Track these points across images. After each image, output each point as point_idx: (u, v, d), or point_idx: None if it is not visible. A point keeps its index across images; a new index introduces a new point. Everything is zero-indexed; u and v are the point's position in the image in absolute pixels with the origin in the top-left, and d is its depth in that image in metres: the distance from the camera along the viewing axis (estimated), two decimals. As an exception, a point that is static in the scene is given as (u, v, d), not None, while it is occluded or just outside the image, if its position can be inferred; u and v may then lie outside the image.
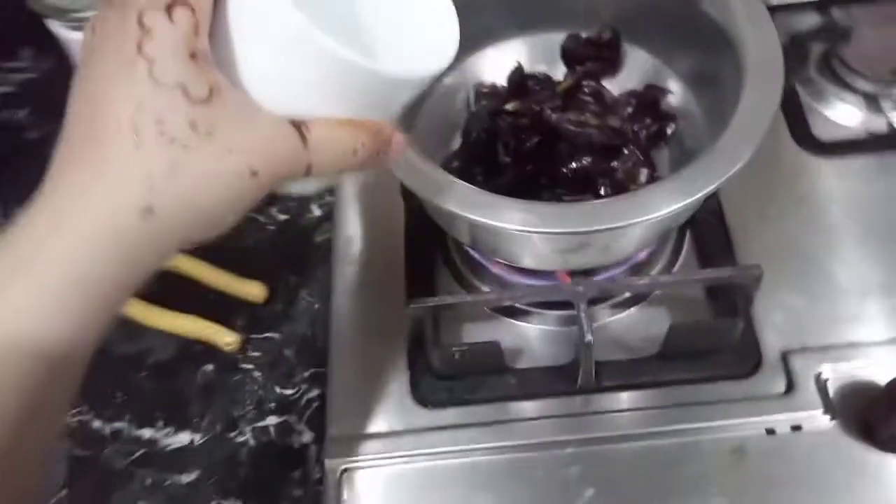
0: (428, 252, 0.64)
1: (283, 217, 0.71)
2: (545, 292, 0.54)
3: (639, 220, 0.44)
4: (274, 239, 0.70)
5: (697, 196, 0.44)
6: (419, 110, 0.61)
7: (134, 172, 0.30)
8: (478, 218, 0.45)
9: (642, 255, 0.58)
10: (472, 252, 0.59)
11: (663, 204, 0.44)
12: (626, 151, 0.56)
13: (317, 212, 0.71)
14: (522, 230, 0.45)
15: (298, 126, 0.33)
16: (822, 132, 0.67)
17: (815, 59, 0.70)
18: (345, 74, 0.32)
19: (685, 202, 0.44)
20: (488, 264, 0.59)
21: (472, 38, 0.62)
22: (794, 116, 0.67)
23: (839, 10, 0.72)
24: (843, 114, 0.68)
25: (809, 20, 0.73)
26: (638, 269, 0.60)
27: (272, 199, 0.72)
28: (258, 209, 0.71)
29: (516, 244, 0.50)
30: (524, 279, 0.58)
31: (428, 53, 0.37)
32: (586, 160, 0.56)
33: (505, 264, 0.57)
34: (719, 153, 0.46)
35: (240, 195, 0.32)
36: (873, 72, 0.66)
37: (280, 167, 0.33)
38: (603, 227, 0.44)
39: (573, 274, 0.55)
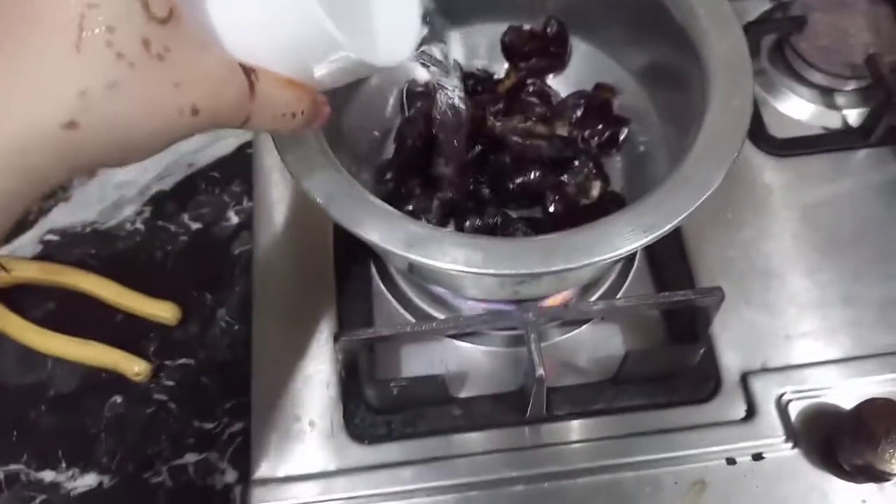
0: (360, 265, 0.58)
1: (196, 226, 0.64)
2: (491, 320, 0.49)
3: (598, 259, 0.39)
4: (186, 251, 0.63)
5: (665, 229, 0.40)
6: (346, 111, 0.55)
7: (68, 79, 0.27)
8: (414, 257, 0.40)
9: (593, 273, 0.54)
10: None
11: (626, 240, 0.39)
12: (576, 163, 0.51)
13: (234, 219, 0.64)
14: (464, 271, 0.39)
15: (249, 74, 0.31)
16: (774, 127, 0.63)
17: (766, 48, 0.66)
18: (317, 43, 0.31)
19: (653, 236, 0.40)
20: (429, 287, 0.54)
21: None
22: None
23: (791, -6, 0.68)
24: (795, 107, 0.64)
25: (760, 5, 0.69)
26: (587, 286, 0.56)
27: (183, 205, 0.65)
28: (168, 217, 0.64)
29: (458, 278, 0.45)
30: (468, 301, 0.53)
31: (389, 40, 0.37)
32: (534, 174, 0.50)
33: (447, 288, 0.52)
34: (685, 177, 0.42)
35: (172, 130, 0.30)
36: (828, 63, 0.63)
37: (221, 112, 0.31)
38: (557, 268, 0.39)
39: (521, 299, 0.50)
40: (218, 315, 0.60)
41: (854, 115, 0.63)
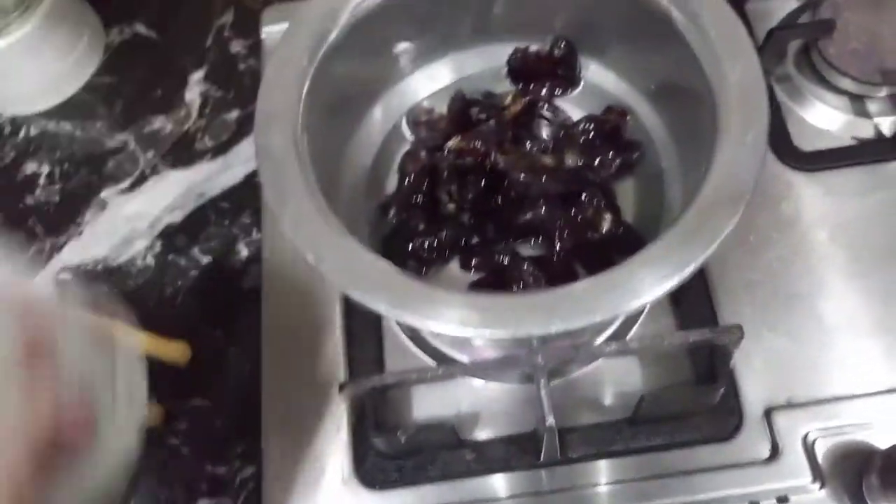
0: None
1: (206, 259, 0.63)
2: (499, 366, 0.48)
3: (601, 318, 0.37)
4: (197, 286, 0.62)
5: (686, 273, 0.37)
6: (349, 143, 0.53)
7: None
8: (405, 317, 0.38)
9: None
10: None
11: (630, 295, 0.37)
12: (584, 197, 0.48)
13: (244, 251, 0.63)
14: (457, 332, 0.37)
15: None
16: (802, 139, 0.59)
17: (793, 52, 0.63)
18: None
19: (672, 284, 0.37)
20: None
21: (399, 61, 0.54)
22: (772, 123, 0.59)
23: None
24: (824, 116, 0.61)
25: (786, 4, 0.65)
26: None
27: (194, 237, 0.64)
28: (179, 250, 0.63)
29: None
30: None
31: None
32: (541, 210, 0.48)
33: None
34: (693, 225, 0.39)
35: None
36: (859, 69, 0.59)
37: None
38: (557, 329, 0.37)
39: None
40: (229, 353, 0.59)
41: (887, 124, 0.59)
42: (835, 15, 0.60)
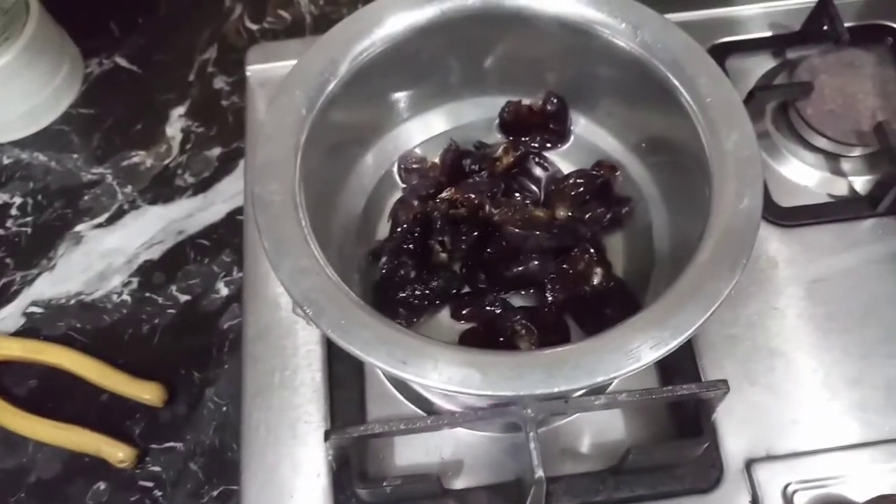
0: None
1: (184, 298, 0.62)
2: (488, 416, 0.48)
3: (602, 379, 0.37)
4: (174, 325, 0.61)
5: (672, 346, 0.38)
6: (339, 190, 0.53)
7: None
8: (406, 376, 0.38)
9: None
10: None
11: (631, 358, 0.38)
12: (576, 251, 0.49)
13: (223, 290, 0.62)
14: (459, 392, 0.37)
15: None
16: (778, 194, 0.61)
17: (770, 110, 0.65)
18: None
19: (660, 353, 0.38)
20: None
21: (394, 109, 0.54)
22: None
23: (794, 51, 0.66)
24: (799, 172, 0.62)
25: (764, 62, 0.67)
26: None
27: (172, 275, 0.63)
28: (156, 288, 0.62)
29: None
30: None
31: None
32: (533, 263, 0.48)
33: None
34: (691, 288, 0.40)
35: None
36: (835, 130, 0.61)
37: None
38: (559, 389, 0.37)
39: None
40: (206, 395, 0.58)
41: (861, 182, 0.61)
42: (811, 77, 0.62)
